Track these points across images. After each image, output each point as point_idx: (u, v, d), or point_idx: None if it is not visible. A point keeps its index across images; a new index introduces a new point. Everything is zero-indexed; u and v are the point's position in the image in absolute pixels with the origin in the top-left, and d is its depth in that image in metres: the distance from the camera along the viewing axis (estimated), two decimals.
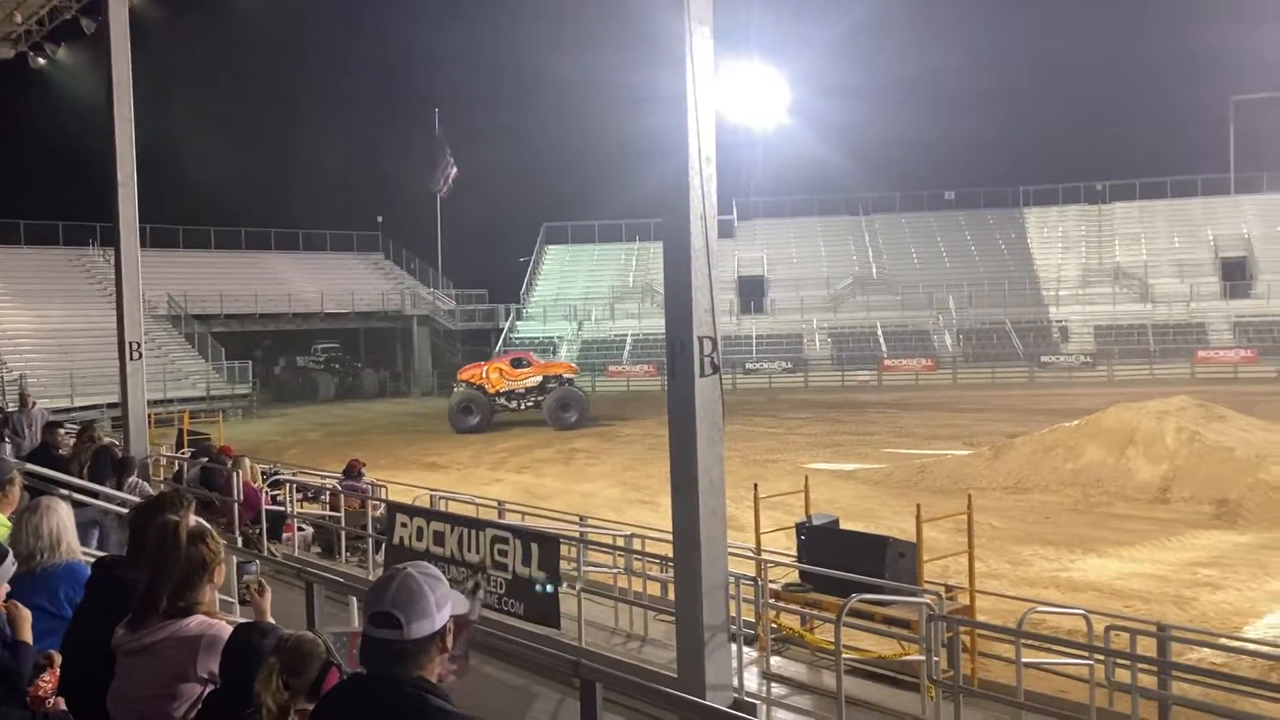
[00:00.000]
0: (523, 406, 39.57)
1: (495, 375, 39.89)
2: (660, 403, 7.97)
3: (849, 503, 20.48)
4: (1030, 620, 9.12)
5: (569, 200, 73.00)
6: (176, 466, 17.32)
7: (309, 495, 16.20)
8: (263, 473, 15.38)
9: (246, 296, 55.03)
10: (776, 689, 8.82)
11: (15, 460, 9.35)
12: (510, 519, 13.88)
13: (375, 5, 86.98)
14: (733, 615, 8.09)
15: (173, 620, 3.38)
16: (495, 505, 15.11)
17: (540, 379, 39.69)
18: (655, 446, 28.24)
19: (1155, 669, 8.88)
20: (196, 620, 3.39)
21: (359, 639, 2.69)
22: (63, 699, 3.84)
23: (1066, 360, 54.04)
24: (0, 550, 3.99)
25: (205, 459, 15.44)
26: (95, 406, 36.76)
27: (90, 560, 4.50)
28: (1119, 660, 8.49)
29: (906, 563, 9.81)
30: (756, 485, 11.99)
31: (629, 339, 58.78)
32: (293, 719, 2.94)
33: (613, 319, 62.11)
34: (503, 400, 39.61)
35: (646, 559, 11.62)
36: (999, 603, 11.92)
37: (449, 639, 2.65)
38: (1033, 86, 76.42)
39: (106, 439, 12.39)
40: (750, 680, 8.65)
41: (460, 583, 3.48)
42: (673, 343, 7.45)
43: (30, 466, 9.01)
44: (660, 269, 7.76)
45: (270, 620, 3.74)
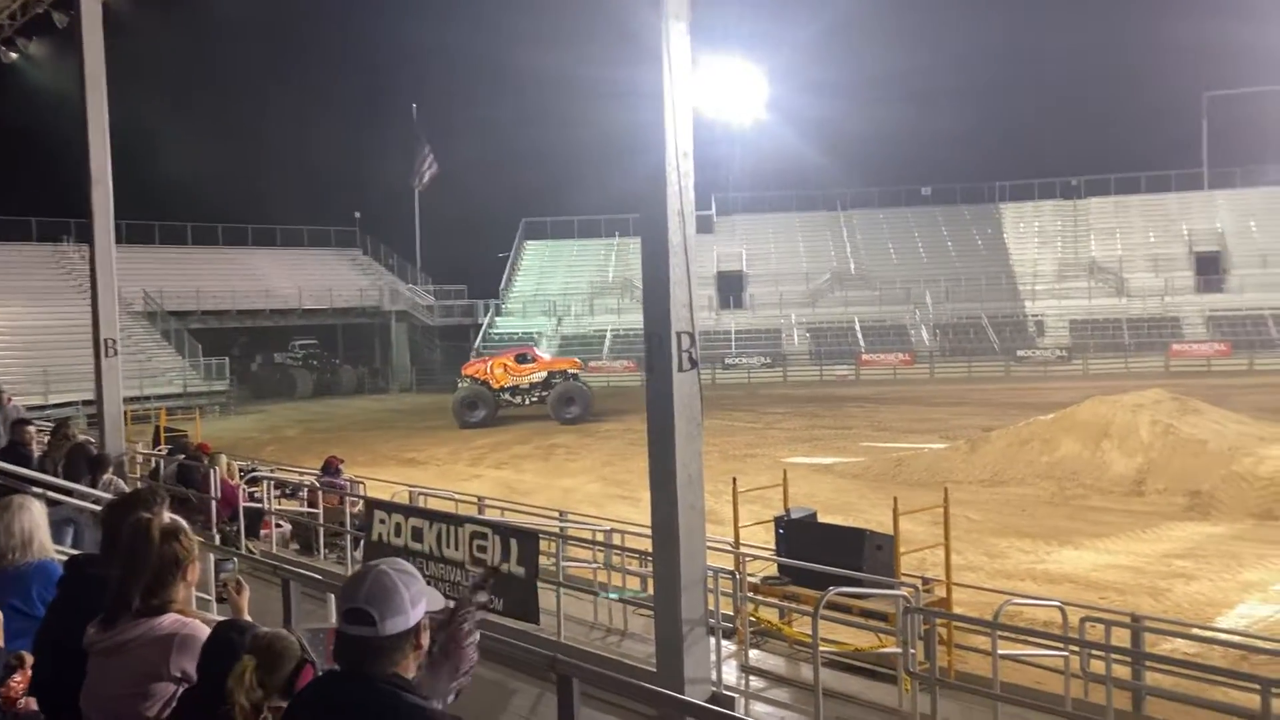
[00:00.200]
0: (527, 402, 39.53)
1: (500, 371, 39.85)
2: (640, 398, 7.98)
3: (827, 496, 20.56)
4: (1006, 612, 9.17)
5: (548, 196, 72.87)
6: (153, 464, 17.20)
7: (287, 492, 16.13)
8: (240, 470, 15.31)
9: (223, 293, 54.65)
10: (755, 682, 8.86)
11: None
12: (490, 515, 13.88)
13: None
14: (711, 609, 8.11)
15: (145, 619, 3.36)
16: (475, 501, 15.10)
17: (545, 374, 39.67)
18: (635, 442, 28.23)
19: (1129, 660, 8.98)
20: (170, 619, 3.37)
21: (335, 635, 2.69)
22: (34, 699, 3.82)
23: (1042, 354, 54.39)
24: None
25: (182, 456, 15.34)
26: (70, 404, 36.42)
27: (63, 559, 4.47)
28: (1094, 651, 8.58)
29: (884, 556, 9.87)
30: (735, 480, 12.03)
31: (608, 334, 58.75)
32: (266, 716, 2.93)
33: (592, 314, 62.05)
34: (507, 395, 39.60)
35: (626, 554, 11.64)
36: (976, 595, 12.01)
37: (424, 636, 2.65)
38: (1009, 83, 76.79)
39: (82, 436, 12.29)
40: (729, 674, 8.69)
41: (474, 586, 3.53)
42: (651, 338, 7.45)
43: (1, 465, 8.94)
44: (640, 264, 7.77)
45: (248, 618, 3.73)
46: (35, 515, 4.49)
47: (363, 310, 61.08)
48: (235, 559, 9.66)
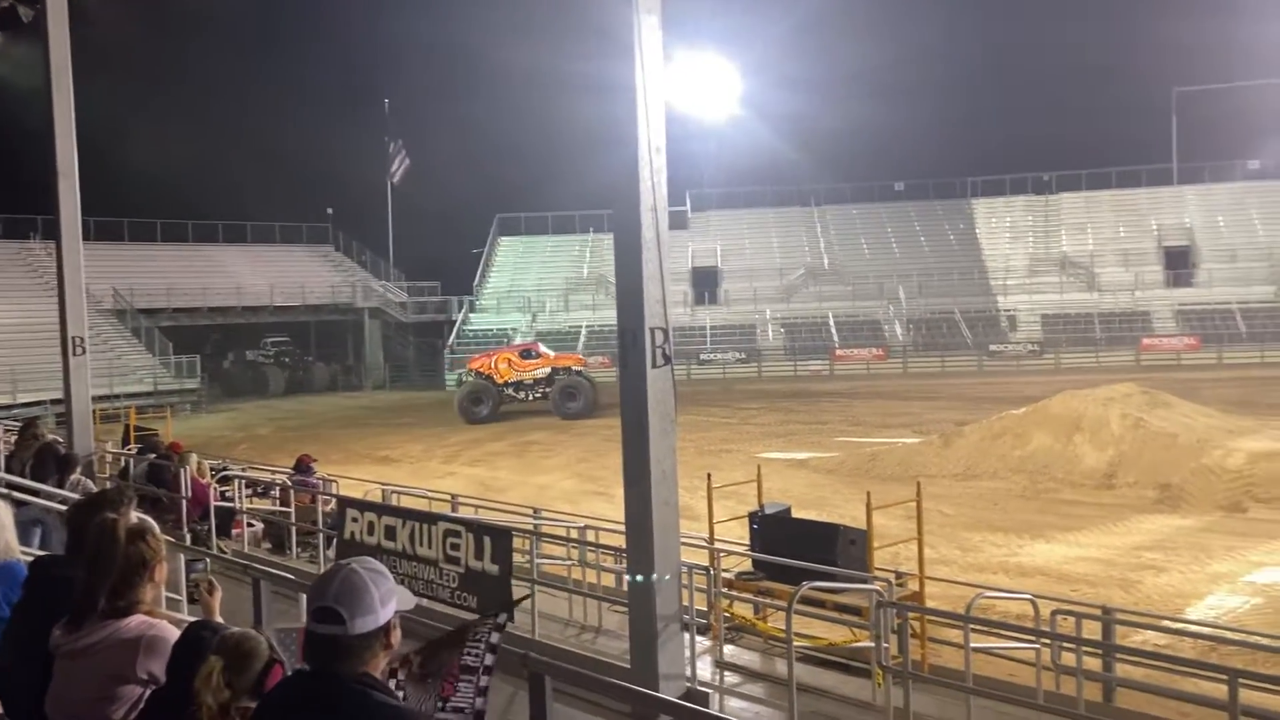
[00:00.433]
0: (530, 397, 39.45)
1: (504, 366, 39.81)
2: (616, 394, 7.96)
3: (802, 491, 20.63)
4: (978, 605, 9.24)
5: (522, 191, 72.70)
6: (123, 463, 17.03)
7: (259, 491, 16.01)
8: (212, 468, 15.17)
9: (194, 290, 54.18)
10: (729, 677, 8.86)
11: None
12: (464, 513, 13.83)
13: None
14: (686, 605, 8.11)
15: (112, 620, 3.32)
16: (448, 499, 15.04)
17: (549, 370, 39.57)
18: (610, 438, 28.17)
19: (1100, 652, 9.06)
20: (136, 620, 3.33)
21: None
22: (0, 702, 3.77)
23: (1014, 349, 54.77)
24: None
25: (153, 455, 15.19)
26: (39, 403, 36.03)
27: (30, 559, 4.41)
28: (1065, 644, 8.65)
29: (857, 550, 9.90)
30: (710, 475, 12.05)
31: (584, 330, 58.65)
32: (234, 717, 2.90)
33: (567, 310, 61.94)
34: (510, 391, 39.52)
35: (600, 550, 11.63)
36: (949, 588, 12.08)
37: (394, 635, 2.63)
38: (981, 78, 77.29)
39: (50, 436, 12.15)
40: (703, 669, 8.69)
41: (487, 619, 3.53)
42: (624, 334, 7.43)
43: None
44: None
45: (220, 619, 3.69)
46: (1, 516, 4.43)
47: (335, 307, 60.70)
48: (207, 559, 9.58)
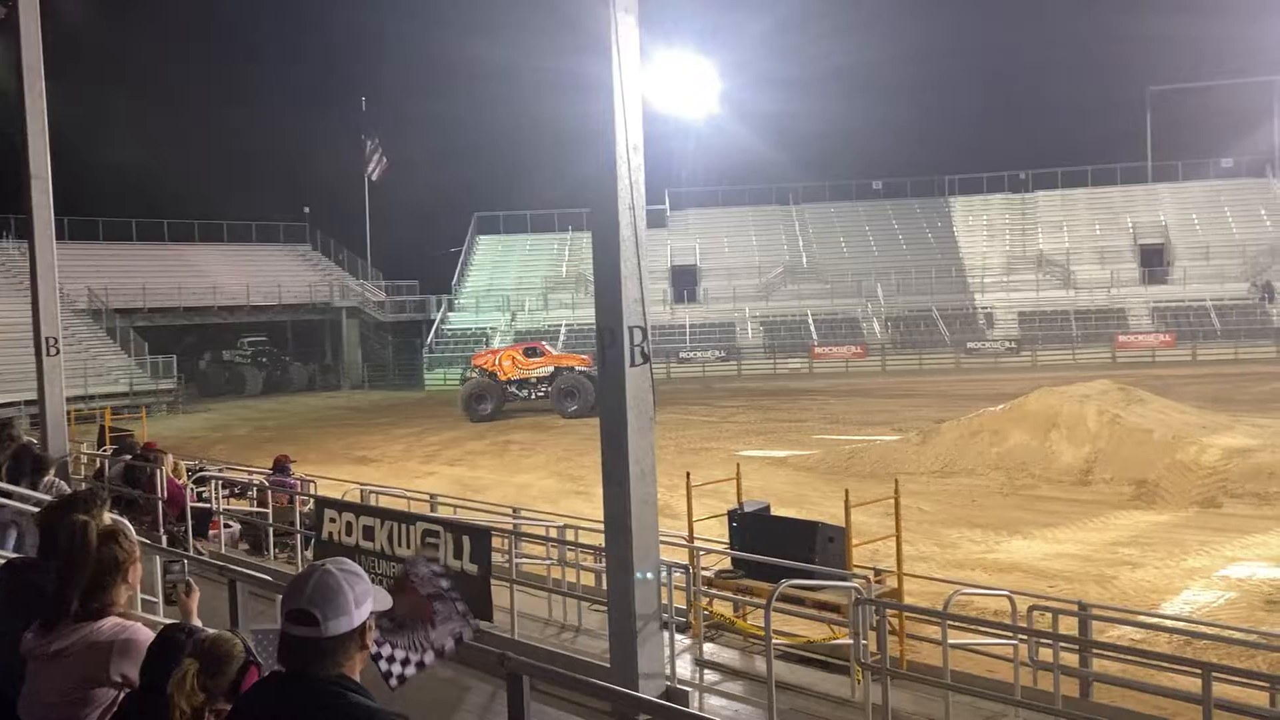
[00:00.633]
0: (534, 396, 39.39)
1: (507, 364, 39.75)
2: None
3: (781, 489, 20.67)
4: (956, 602, 9.29)
5: (500, 190, 72.60)
6: (98, 464, 16.89)
7: (236, 491, 15.92)
8: (188, 469, 15.07)
9: (170, 289, 53.78)
10: (709, 675, 8.87)
11: None
12: (443, 513, 13.79)
13: None
14: (665, 603, 8.12)
15: (85, 623, 3.29)
16: (427, 499, 15.00)
17: (552, 369, 39.47)
18: (589, 437, 28.18)
19: (1077, 647, 9.11)
20: (109, 622, 3.30)
21: None
22: None
23: (992, 346, 55.05)
24: None
25: (128, 456, 15.07)
26: (13, 404, 35.70)
27: (2, 562, 4.36)
28: (1042, 640, 8.70)
29: (836, 547, 9.93)
30: (689, 474, 12.05)
31: (563, 329, 58.56)
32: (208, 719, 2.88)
33: (546, 309, 61.85)
34: (514, 389, 39.47)
35: (580, 550, 11.62)
36: (927, 585, 12.12)
37: (369, 636, 2.61)
38: (958, 78, 77.81)
39: (26, 437, 12.03)
40: (683, 668, 8.70)
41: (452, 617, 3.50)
42: (603, 333, 7.44)
43: None
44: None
45: (198, 621, 3.66)
46: None
47: (313, 306, 60.37)
48: (184, 560, 9.52)
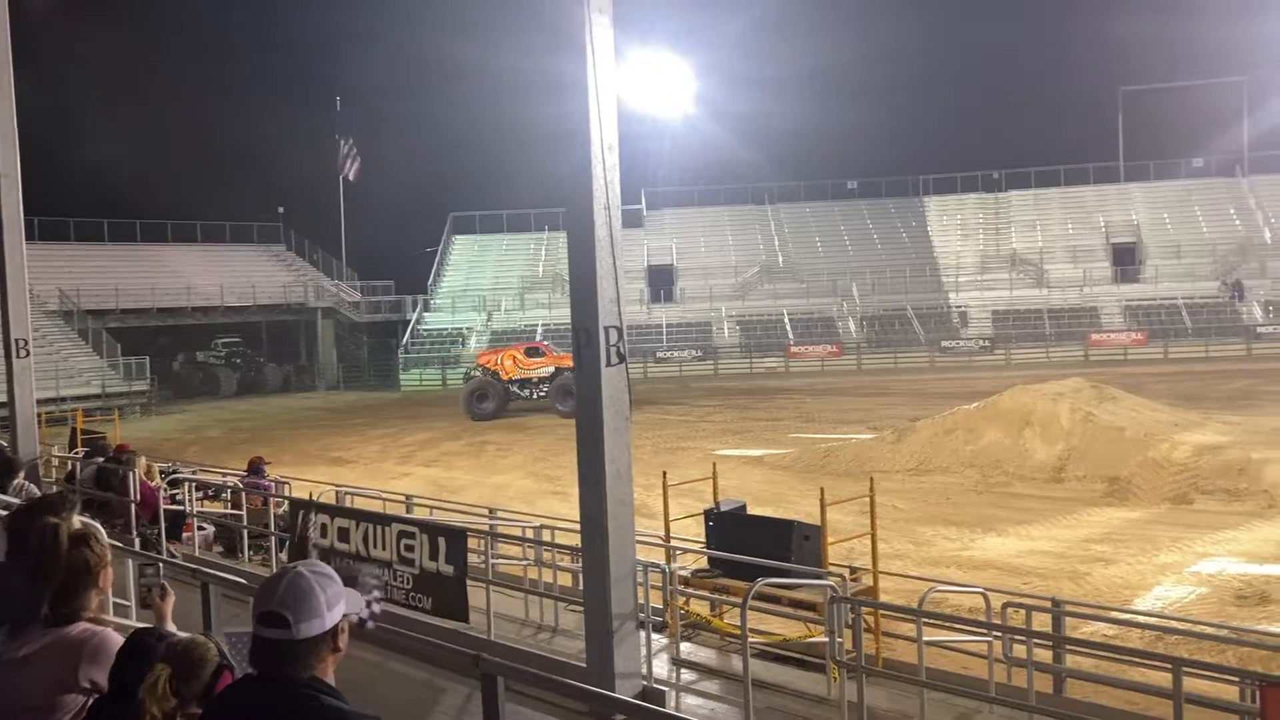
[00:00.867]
0: (535, 396, 39.29)
1: (509, 363, 39.65)
2: None
3: (758, 488, 20.73)
4: (931, 599, 9.34)
5: (476, 189, 72.29)
6: (69, 466, 16.72)
7: (210, 493, 15.80)
8: (161, 471, 14.94)
9: (143, 290, 53.30)
10: (686, 675, 8.89)
11: None
12: (419, 514, 13.73)
13: None
14: (642, 603, 8.12)
15: (54, 628, 3.25)
16: (403, 500, 14.93)
17: (553, 369, 39.38)
18: (566, 437, 28.13)
19: (1050, 643, 9.18)
20: (79, 627, 3.26)
21: None
22: None
23: (966, 345, 55.40)
24: None
25: (101, 459, 14.92)
26: None
27: None
28: (1015, 636, 8.76)
29: (812, 546, 9.95)
30: (665, 473, 12.07)
31: (539, 329, 58.48)
32: None
33: (523, 309, 61.76)
34: (515, 388, 39.38)
35: (557, 550, 11.60)
36: (902, 583, 12.18)
37: (342, 638, 2.60)
38: (932, 78, 78.21)
39: None
40: (660, 667, 8.71)
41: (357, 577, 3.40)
42: (579, 333, 7.43)
43: None
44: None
45: (172, 625, 3.63)
46: None
47: (287, 307, 60.00)
48: (159, 564, 9.44)
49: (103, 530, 4.73)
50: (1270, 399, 32.15)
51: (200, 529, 14.06)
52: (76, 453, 17.93)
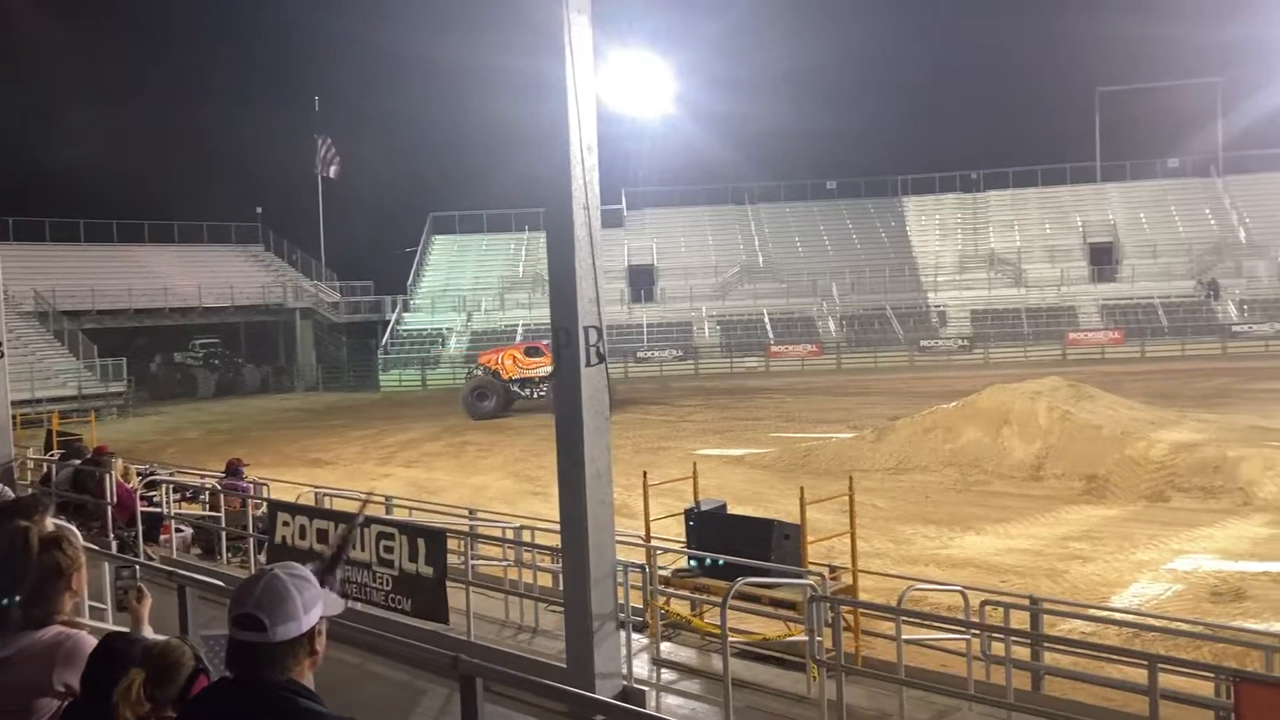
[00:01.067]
0: (535, 395, 39.08)
1: (509, 362, 39.47)
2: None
3: (738, 487, 20.75)
4: (910, 598, 9.37)
5: (456, 189, 72.13)
6: (45, 469, 16.59)
7: (188, 495, 15.70)
8: (139, 473, 14.84)
9: (119, 291, 52.84)
10: (666, 674, 8.89)
11: None
12: (399, 515, 13.69)
13: None
14: (622, 603, 8.12)
15: (27, 632, 3.22)
16: (382, 501, 14.88)
17: (552, 368, 39.13)
18: (546, 438, 28.02)
19: (1028, 641, 9.23)
20: (53, 630, 3.24)
21: None
22: None
23: (945, 344, 55.64)
24: None
25: (78, 461, 14.80)
26: None
27: None
28: (994, 634, 8.81)
29: (791, 545, 9.98)
30: (646, 473, 12.07)
31: (520, 329, 58.37)
32: None
33: (503, 309, 61.64)
34: (516, 388, 39.23)
35: (537, 550, 11.58)
36: (882, 581, 12.20)
37: (319, 641, 2.59)
38: (911, 79, 78.57)
39: None
40: (640, 667, 8.71)
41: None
42: (558, 333, 7.44)
43: None
44: None
45: (149, 628, 3.60)
46: None
47: (266, 308, 59.63)
48: (136, 566, 9.37)
49: (77, 533, 4.70)
50: (1245, 397, 32.45)
51: (178, 531, 13.97)
52: (52, 455, 17.80)
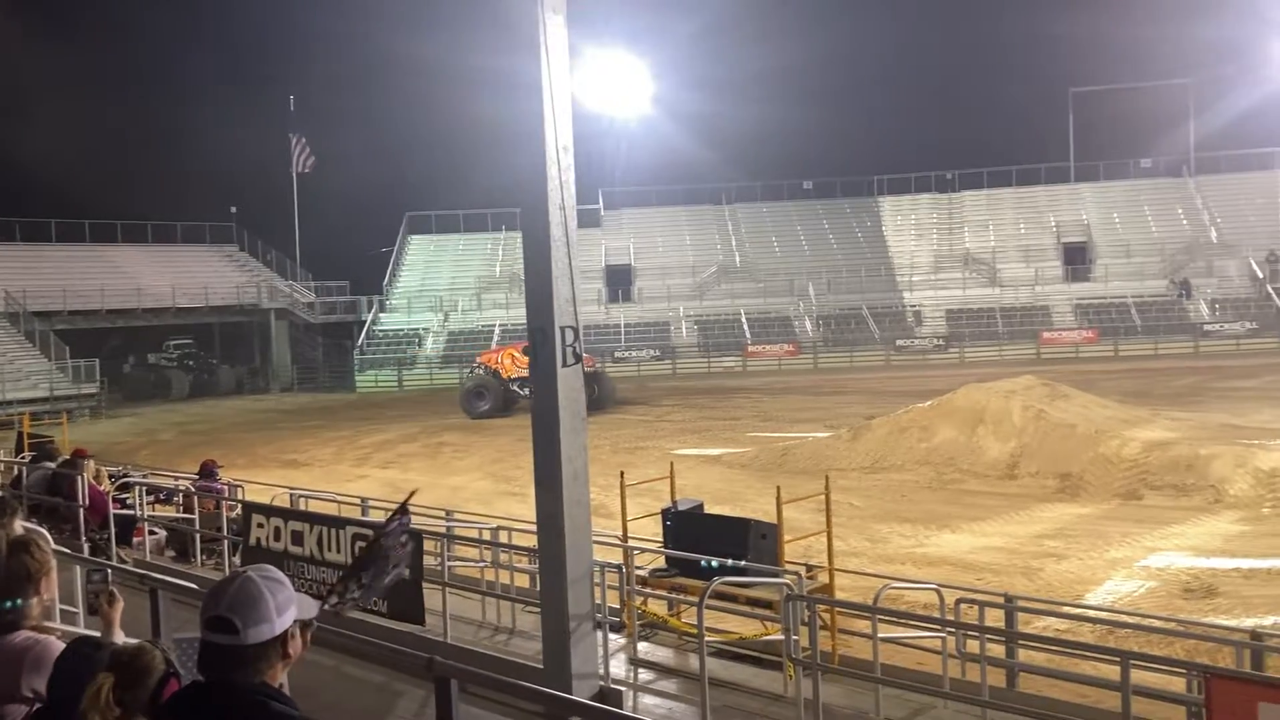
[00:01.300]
0: (532, 394, 38.81)
1: (508, 361, 39.26)
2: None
3: (716, 487, 20.77)
4: (886, 596, 9.42)
5: (432, 189, 71.79)
6: (16, 471, 16.41)
7: (161, 497, 15.56)
8: (111, 475, 14.71)
9: (92, 291, 52.37)
10: (643, 674, 8.89)
11: None
12: (375, 516, 13.62)
13: None
14: (599, 603, 8.11)
15: None
16: (358, 502, 14.82)
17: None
18: (523, 438, 28.00)
19: (1003, 639, 9.29)
20: (21, 635, 3.20)
21: None
22: None
23: (920, 343, 55.89)
24: None
25: (49, 463, 14.63)
26: None
27: None
28: (969, 632, 8.85)
29: (768, 544, 10.00)
30: (623, 473, 12.05)
31: (497, 329, 58.23)
32: None
33: (480, 309, 61.45)
34: (515, 387, 39.00)
35: (514, 551, 11.56)
36: (858, 580, 12.25)
37: (292, 644, 2.57)
38: (886, 79, 78.95)
39: None
40: (617, 667, 8.70)
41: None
42: (534, 333, 7.43)
43: None
44: None
45: (120, 632, 3.57)
46: None
47: (240, 308, 59.22)
48: (108, 569, 9.28)
49: (47, 536, 4.65)
50: (1216, 395, 32.79)
51: (152, 533, 13.84)
52: (22, 457, 17.61)
